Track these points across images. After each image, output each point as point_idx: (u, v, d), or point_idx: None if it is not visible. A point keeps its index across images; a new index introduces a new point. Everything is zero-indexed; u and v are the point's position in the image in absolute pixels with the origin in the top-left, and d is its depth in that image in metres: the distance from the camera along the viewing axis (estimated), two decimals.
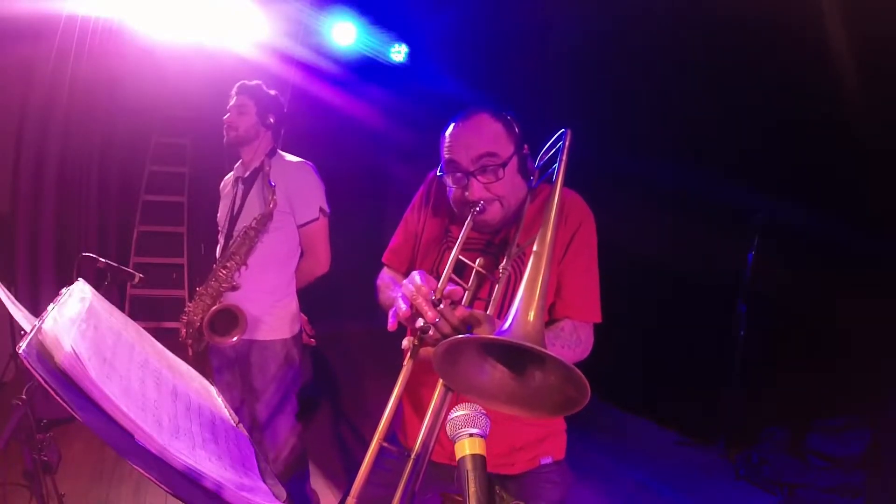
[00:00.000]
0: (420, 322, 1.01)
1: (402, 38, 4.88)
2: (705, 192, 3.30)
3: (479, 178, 1.23)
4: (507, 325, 0.87)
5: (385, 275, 1.48)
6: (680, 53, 3.46)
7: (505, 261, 1.17)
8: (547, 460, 1.35)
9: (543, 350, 0.82)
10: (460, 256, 1.15)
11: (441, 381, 0.99)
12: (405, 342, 1.05)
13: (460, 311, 1.03)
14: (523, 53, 4.33)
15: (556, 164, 1.16)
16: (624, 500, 3.03)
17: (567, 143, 1.18)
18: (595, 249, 1.32)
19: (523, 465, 1.33)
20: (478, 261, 1.18)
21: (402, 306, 1.03)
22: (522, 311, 0.88)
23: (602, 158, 3.42)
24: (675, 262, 3.38)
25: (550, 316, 1.30)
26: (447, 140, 1.28)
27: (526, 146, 1.29)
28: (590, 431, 3.49)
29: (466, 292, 1.16)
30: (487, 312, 1.09)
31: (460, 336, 0.90)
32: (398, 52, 4.91)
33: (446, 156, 1.27)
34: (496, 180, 1.23)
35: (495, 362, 0.93)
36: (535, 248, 0.98)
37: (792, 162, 3.26)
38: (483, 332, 1.01)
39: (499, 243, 1.31)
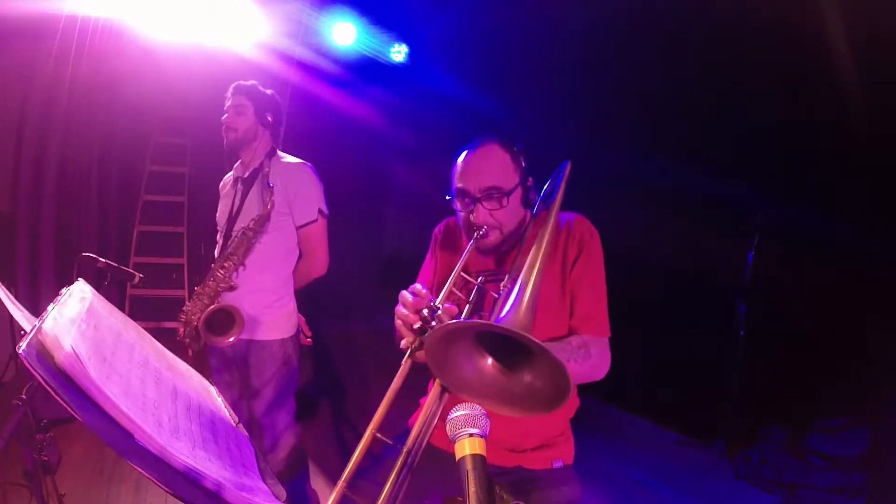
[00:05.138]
0: (417, 323, 1.07)
1: (402, 38, 4.87)
2: (705, 192, 3.29)
3: (484, 204, 1.34)
4: (499, 316, 0.94)
5: None
6: (680, 53, 3.45)
7: (506, 279, 1.24)
8: (559, 464, 1.45)
9: (527, 336, 0.85)
10: (462, 273, 1.25)
11: (437, 381, 1.02)
12: (404, 342, 1.10)
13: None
14: (523, 53, 4.33)
15: (555, 192, 1.30)
16: (624, 500, 3.02)
17: (566, 174, 1.33)
18: (602, 265, 1.41)
19: (538, 463, 1.43)
20: (479, 278, 1.28)
21: (403, 310, 1.11)
22: (514, 306, 0.93)
23: (602, 158, 3.42)
24: (676, 262, 3.37)
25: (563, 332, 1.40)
26: (459, 168, 1.38)
27: (531, 179, 1.40)
28: (590, 431, 3.48)
29: (468, 305, 1.25)
30: None
31: (453, 322, 0.97)
32: (398, 52, 4.90)
33: (457, 184, 1.38)
34: (500, 208, 1.34)
35: (486, 356, 0.97)
36: (527, 259, 1.06)
37: (792, 162, 3.26)
38: None
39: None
